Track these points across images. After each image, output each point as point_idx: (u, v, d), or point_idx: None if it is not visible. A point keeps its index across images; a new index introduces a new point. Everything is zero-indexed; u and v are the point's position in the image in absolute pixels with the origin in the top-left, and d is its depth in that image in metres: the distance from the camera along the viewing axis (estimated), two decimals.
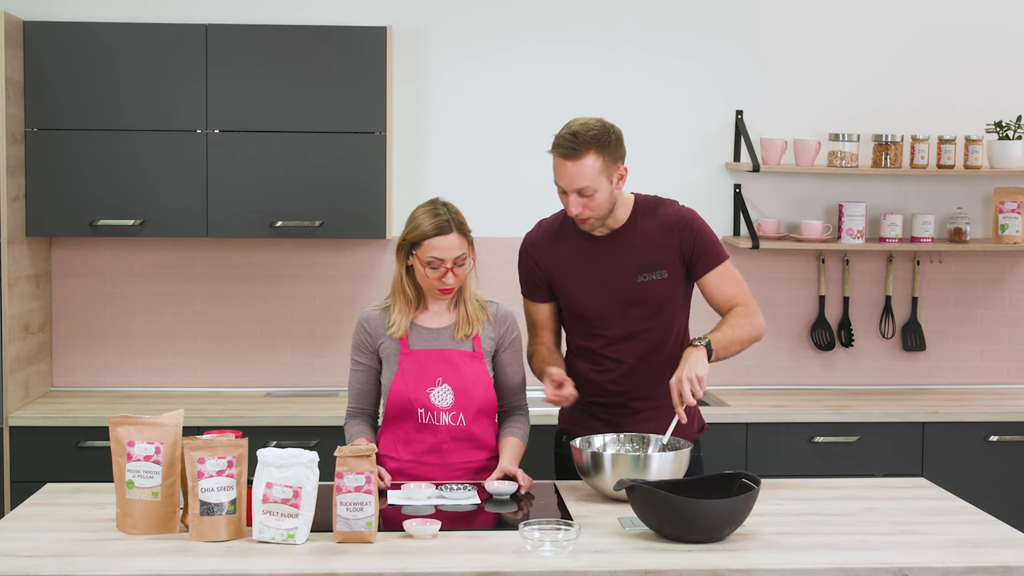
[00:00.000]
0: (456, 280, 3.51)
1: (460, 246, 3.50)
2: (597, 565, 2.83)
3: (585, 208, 3.50)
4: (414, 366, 3.54)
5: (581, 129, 3.46)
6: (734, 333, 3.50)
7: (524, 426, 3.65)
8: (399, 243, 3.56)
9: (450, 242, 3.48)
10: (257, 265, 5.16)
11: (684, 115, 5.22)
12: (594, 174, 3.46)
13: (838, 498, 3.45)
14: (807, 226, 5.09)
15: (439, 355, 3.55)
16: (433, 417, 3.53)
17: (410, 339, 3.57)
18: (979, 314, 5.35)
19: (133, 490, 3.05)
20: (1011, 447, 4.82)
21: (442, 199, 3.57)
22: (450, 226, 3.49)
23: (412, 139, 5.16)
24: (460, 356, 3.56)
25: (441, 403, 3.53)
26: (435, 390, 3.53)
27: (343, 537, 2.99)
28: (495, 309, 3.64)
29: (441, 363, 3.55)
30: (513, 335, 3.64)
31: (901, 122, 5.20)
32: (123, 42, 4.75)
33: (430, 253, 3.48)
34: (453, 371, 3.54)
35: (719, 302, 3.61)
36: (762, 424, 4.75)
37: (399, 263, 3.57)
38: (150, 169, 4.78)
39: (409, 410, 3.53)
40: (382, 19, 5.05)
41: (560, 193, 3.53)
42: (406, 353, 3.55)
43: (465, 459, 3.56)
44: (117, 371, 5.15)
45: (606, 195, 3.50)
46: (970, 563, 2.88)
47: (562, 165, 3.48)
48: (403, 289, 3.57)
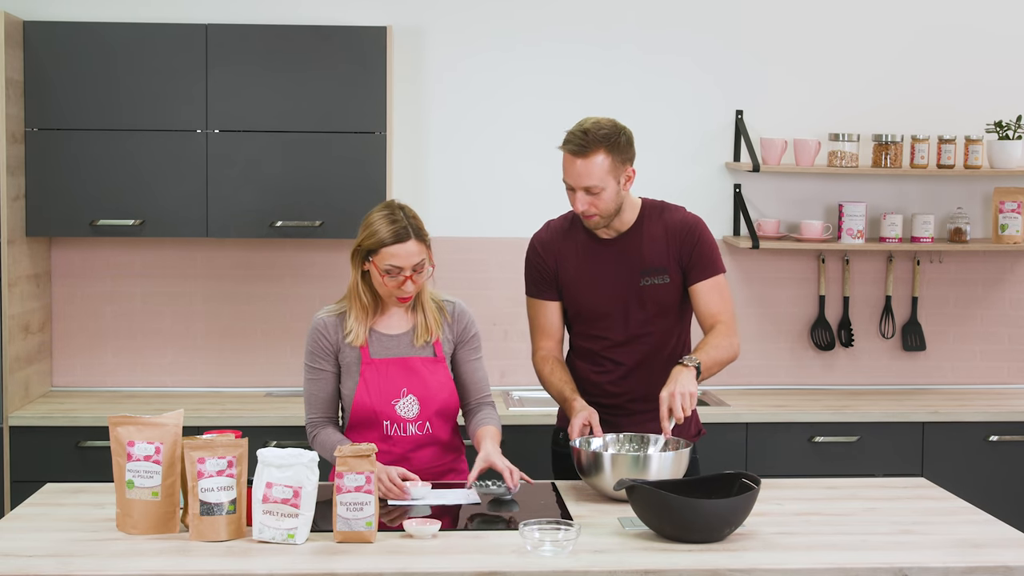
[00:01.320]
0: (415, 287, 3.43)
1: (419, 252, 3.41)
2: (597, 565, 2.83)
3: (591, 206, 3.52)
4: (377, 377, 3.47)
5: (593, 128, 3.48)
6: (717, 354, 3.52)
7: (495, 418, 3.58)
8: (354, 249, 3.45)
9: (408, 249, 3.39)
10: (257, 265, 5.16)
11: (684, 115, 5.22)
12: (602, 173, 3.48)
13: (838, 498, 3.45)
14: (807, 226, 5.09)
15: (401, 364, 3.48)
16: (399, 428, 3.48)
17: (370, 347, 3.49)
18: (979, 314, 5.35)
19: (133, 490, 3.05)
20: (1011, 447, 4.82)
21: (398, 202, 3.48)
22: (408, 233, 3.39)
23: (412, 139, 5.16)
24: (423, 363, 3.50)
25: (407, 414, 3.47)
26: (400, 401, 3.46)
27: (343, 537, 2.99)
28: (452, 308, 3.57)
29: (404, 372, 3.48)
30: (471, 332, 3.58)
31: (901, 122, 5.20)
32: (123, 42, 4.75)
33: (388, 261, 3.39)
34: (417, 380, 3.48)
35: (703, 315, 3.62)
36: (762, 424, 4.75)
37: (354, 269, 3.47)
38: (150, 169, 4.78)
39: (374, 421, 3.47)
40: (382, 19, 5.05)
41: (568, 190, 3.55)
42: (367, 363, 3.47)
43: (431, 464, 3.53)
44: (117, 371, 5.15)
45: (613, 195, 3.52)
46: (970, 563, 2.88)
47: (571, 162, 3.50)
48: (359, 296, 3.47)
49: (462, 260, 5.16)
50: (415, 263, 3.41)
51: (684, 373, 3.40)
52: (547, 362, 3.71)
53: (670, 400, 3.35)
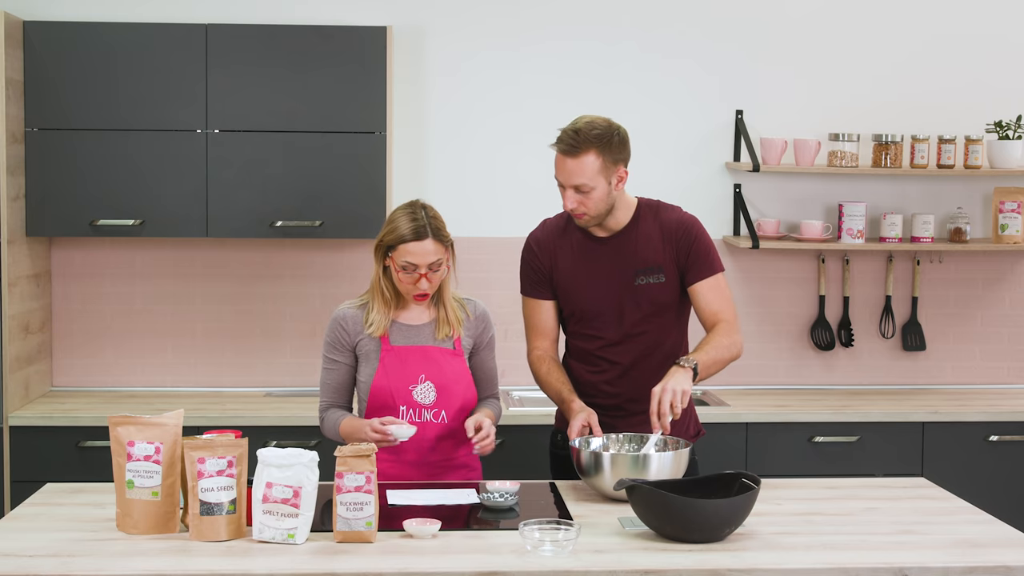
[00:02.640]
0: (430, 286, 3.48)
1: (435, 252, 3.46)
2: (597, 565, 2.83)
3: (580, 204, 3.53)
4: (396, 363, 3.52)
5: (585, 127, 3.49)
6: (717, 354, 3.51)
7: (498, 406, 3.68)
8: (377, 243, 3.52)
9: (425, 248, 3.45)
10: (257, 265, 5.16)
11: (684, 115, 5.22)
12: (592, 172, 3.48)
13: (838, 498, 3.45)
14: (807, 226, 5.09)
15: (420, 352, 3.54)
16: (415, 414, 3.52)
17: (391, 335, 3.55)
18: (979, 314, 5.34)
19: (133, 490, 3.05)
20: (1011, 447, 4.82)
21: (422, 202, 3.54)
22: (427, 231, 3.45)
23: (412, 139, 5.16)
24: (441, 353, 3.55)
25: (424, 400, 3.52)
26: (418, 387, 3.52)
27: (343, 537, 2.99)
28: (473, 307, 3.64)
29: (423, 360, 3.54)
30: (490, 334, 3.65)
31: (901, 122, 5.20)
32: (123, 42, 4.75)
33: (404, 257, 3.45)
34: (435, 368, 3.53)
35: (705, 314, 3.62)
36: (762, 424, 4.75)
37: (377, 263, 3.54)
38: (150, 169, 4.78)
39: (391, 406, 3.51)
40: (382, 19, 5.05)
41: (559, 187, 3.56)
42: (387, 350, 3.53)
43: (445, 456, 3.55)
44: (117, 371, 5.15)
45: (603, 195, 3.52)
46: (970, 563, 2.88)
47: (562, 160, 3.52)
48: (381, 290, 3.55)
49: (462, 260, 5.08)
50: (431, 262, 3.46)
51: (679, 373, 3.40)
52: (544, 362, 3.71)
53: (660, 394, 3.35)
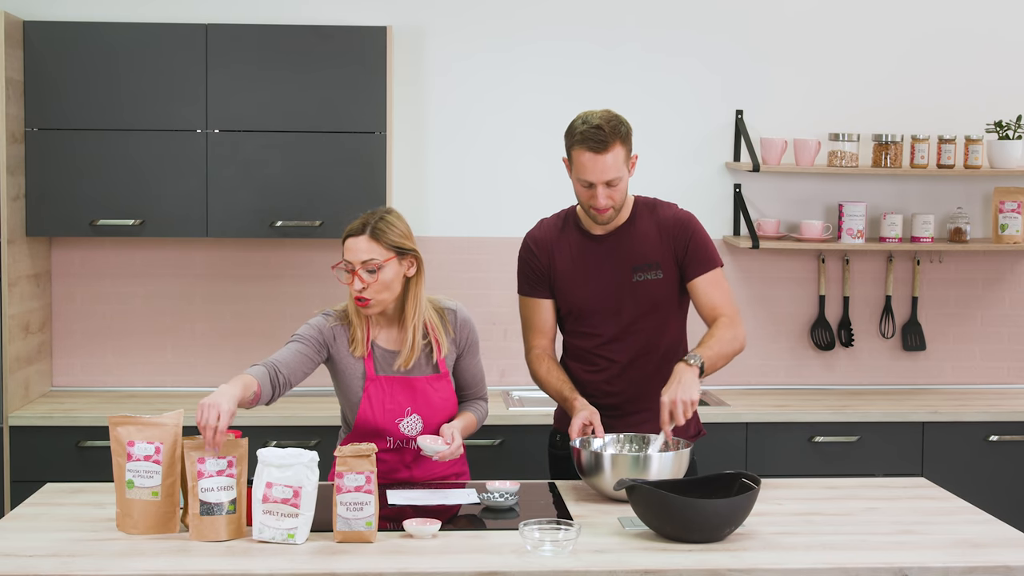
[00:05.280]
0: (363, 287, 3.36)
1: (368, 251, 3.36)
2: (597, 565, 2.83)
3: (609, 199, 3.53)
4: (381, 395, 3.47)
5: (603, 123, 3.48)
6: (721, 348, 3.51)
7: (481, 410, 3.64)
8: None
9: (358, 244, 3.37)
10: (257, 265, 5.16)
11: (684, 114, 5.22)
12: (620, 164, 3.51)
13: (838, 498, 3.46)
14: (807, 226, 5.09)
15: (406, 383, 3.48)
16: (403, 443, 3.50)
17: (374, 363, 3.48)
18: (979, 314, 5.34)
19: (133, 490, 3.05)
20: (1011, 447, 4.82)
21: (390, 209, 3.48)
22: (362, 228, 3.37)
23: (412, 139, 5.16)
24: (427, 382, 3.50)
25: (410, 432, 3.48)
26: (404, 420, 3.48)
27: (343, 537, 2.99)
28: (454, 318, 3.56)
29: (408, 392, 3.48)
30: (473, 340, 3.59)
31: (901, 122, 5.20)
32: (123, 42, 4.75)
33: (344, 255, 3.41)
34: (422, 400, 3.49)
35: (705, 309, 3.62)
36: (762, 424, 4.75)
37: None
38: (150, 169, 4.78)
39: (378, 435, 3.48)
40: (382, 19, 5.05)
41: (585, 187, 3.54)
42: (372, 379, 3.47)
43: (431, 473, 3.54)
44: (117, 371, 5.15)
45: (626, 184, 3.57)
46: (970, 563, 2.88)
47: (592, 160, 3.49)
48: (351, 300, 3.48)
49: (462, 260, 5.17)
50: (363, 260, 3.36)
51: (687, 373, 3.39)
52: (543, 360, 3.70)
53: (671, 407, 3.35)
